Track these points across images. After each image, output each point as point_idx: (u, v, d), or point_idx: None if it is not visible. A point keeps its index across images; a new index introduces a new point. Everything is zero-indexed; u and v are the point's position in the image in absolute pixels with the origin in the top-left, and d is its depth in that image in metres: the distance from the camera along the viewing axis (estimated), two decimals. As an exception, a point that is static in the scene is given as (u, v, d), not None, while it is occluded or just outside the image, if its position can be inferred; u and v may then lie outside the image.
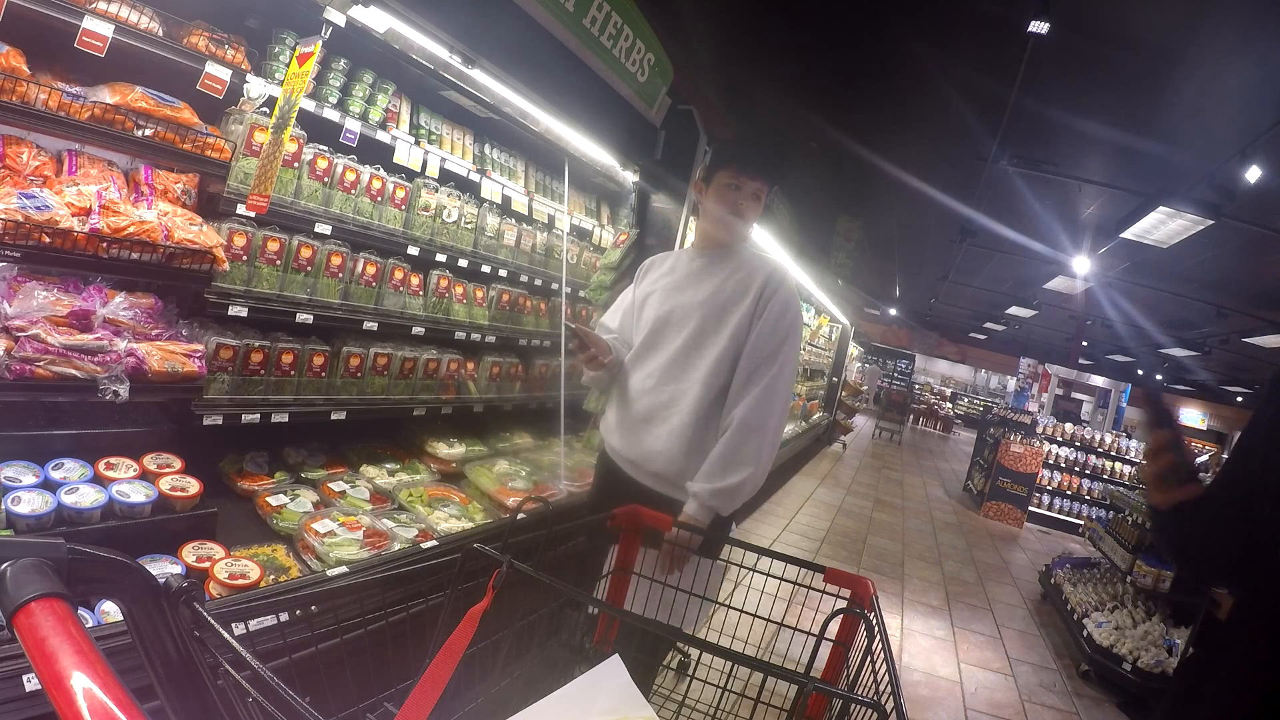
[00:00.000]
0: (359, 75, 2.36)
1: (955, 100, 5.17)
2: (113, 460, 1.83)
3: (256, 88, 2.03)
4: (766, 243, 4.88)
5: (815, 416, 10.28)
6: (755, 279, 1.82)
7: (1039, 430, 9.69)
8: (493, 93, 2.58)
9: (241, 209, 1.97)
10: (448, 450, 2.88)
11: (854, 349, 14.54)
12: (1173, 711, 1.23)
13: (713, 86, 5.18)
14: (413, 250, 2.61)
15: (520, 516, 1.24)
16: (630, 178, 3.48)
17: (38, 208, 1.56)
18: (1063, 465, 9.58)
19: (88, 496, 1.67)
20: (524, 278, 3.26)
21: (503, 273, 3.08)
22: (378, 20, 2.01)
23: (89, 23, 1.62)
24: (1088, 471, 9.55)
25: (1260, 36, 3.51)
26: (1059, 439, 9.78)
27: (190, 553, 1.77)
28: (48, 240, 1.58)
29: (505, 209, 3.11)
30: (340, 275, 2.35)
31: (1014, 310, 12.26)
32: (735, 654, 0.88)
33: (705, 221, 1.94)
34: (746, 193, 1.85)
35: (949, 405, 23.91)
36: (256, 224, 2.10)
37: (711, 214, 1.90)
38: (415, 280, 2.67)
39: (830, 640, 1.28)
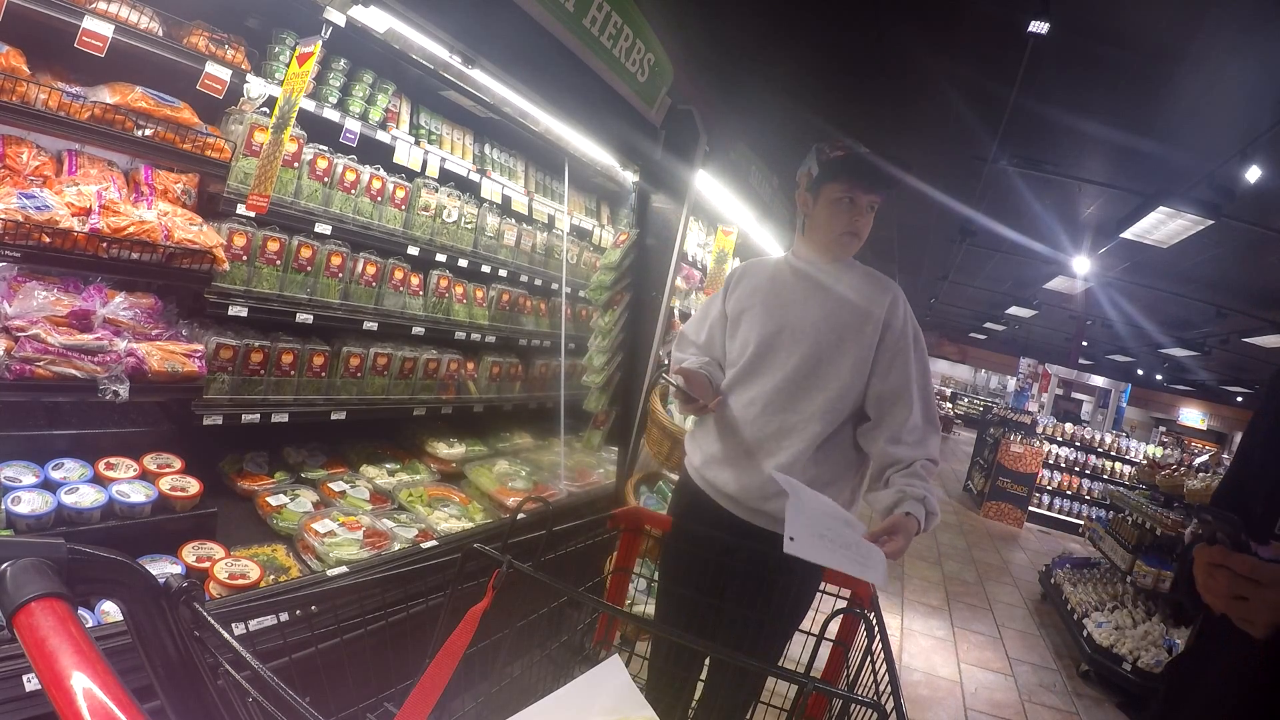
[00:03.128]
0: (359, 75, 2.36)
1: (955, 100, 5.16)
2: (113, 460, 1.83)
3: (256, 88, 2.03)
4: (767, 243, 4.88)
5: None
6: (880, 293, 1.67)
7: (1039, 430, 9.68)
8: (493, 93, 2.58)
9: (241, 209, 1.97)
10: (448, 450, 2.88)
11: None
12: (1166, 707, 1.23)
13: (713, 86, 5.18)
14: (413, 250, 2.61)
15: (520, 516, 1.24)
16: (630, 178, 3.48)
17: (38, 208, 1.56)
18: (1063, 465, 9.58)
19: (88, 496, 1.66)
20: (524, 278, 3.26)
21: (503, 273, 3.08)
22: (378, 20, 2.01)
23: (89, 23, 1.62)
24: (1088, 471, 9.55)
25: (1260, 36, 3.51)
26: (1059, 439, 9.78)
27: (190, 553, 1.77)
28: (48, 240, 1.58)
29: (505, 209, 3.11)
30: (340, 275, 2.35)
31: (1014, 310, 12.26)
32: (735, 654, 0.89)
33: (815, 235, 1.75)
34: (862, 207, 1.70)
35: (949, 405, 23.91)
36: (256, 224, 2.09)
37: (824, 229, 1.71)
38: (415, 280, 2.67)
39: (830, 640, 1.28)
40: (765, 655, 1.58)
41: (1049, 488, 9.49)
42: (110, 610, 1.52)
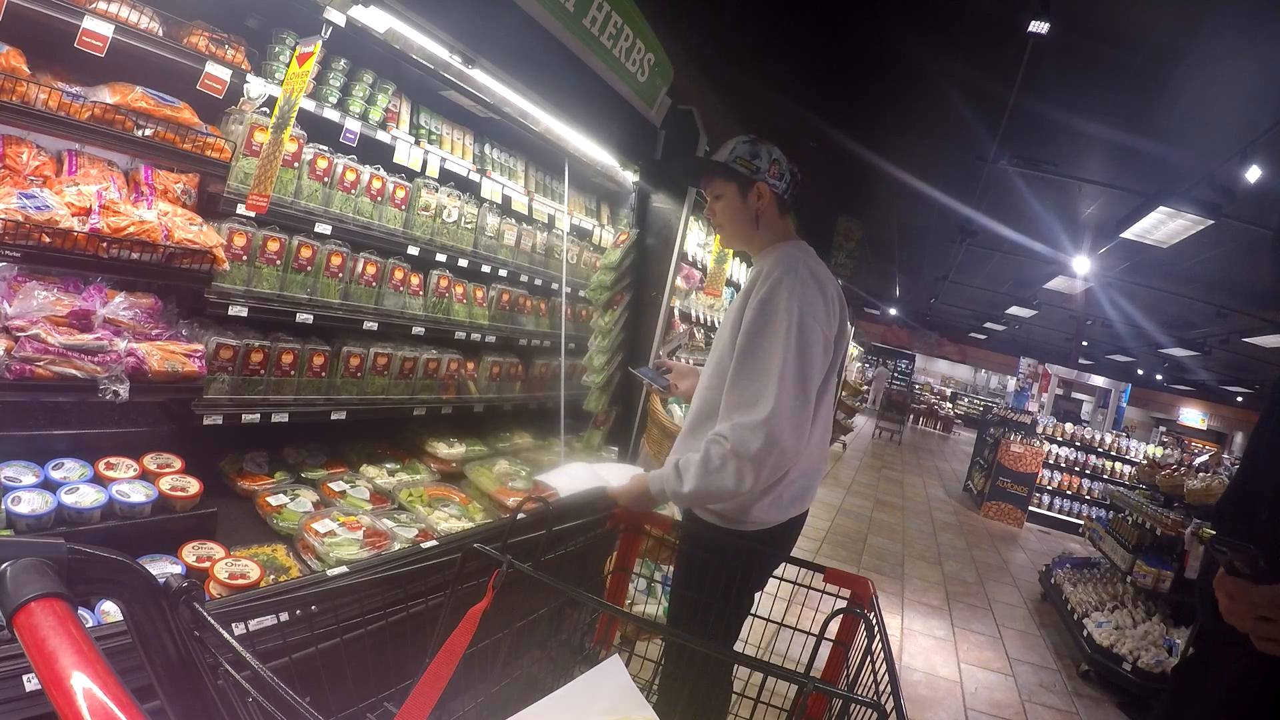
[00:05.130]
0: (359, 75, 2.36)
1: (955, 100, 5.17)
2: (113, 460, 1.82)
3: (256, 88, 2.02)
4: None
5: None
6: (754, 280, 1.68)
7: (1039, 430, 9.68)
8: (493, 93, 2.58)
9: (241, 209, 1.97)
10: (448, 450, 2.88)
11: (854, 349, 14.54)
12: (1171, 711, 1.23)
13: (713, 86, 5.18)
14: (413, 250, 2.61)
15: (520, 516, 1.24)
16: (630, 178, 3.48)
17: (38, 208, 1.56)
18: (1063, 465, 9.58)
19: (88, 496, 1.66)
20: (524, 278, 3.26)
21: (503, 272, 3.08)
22: (378, 20, 2.01)
23: (89, 23, 1.62)
24: (1088, 471, 9.55)
25: (1260, 36, 3.51)
26: (1059, 439, 9.77)
27: (190, 553, 1.77)
28: (48, 240, 1.58)
29: (505, 209, 3.11)
30: (340, 275, 2.35)
31: (1014, 310, 12.27)
32: (735, 654, 0.89)
33: None
34: (709, 204, 1.86)
35: (949, 405, 23.89)
36: (256, 224, 2.09)
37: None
38: (415, 280, 2.67)
39: (830, 640, 1.28)
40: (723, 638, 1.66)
41: (1049, 488, 9.49)
42: (110, 610, 1.52)
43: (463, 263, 2.88)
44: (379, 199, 2.47)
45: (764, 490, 1.63)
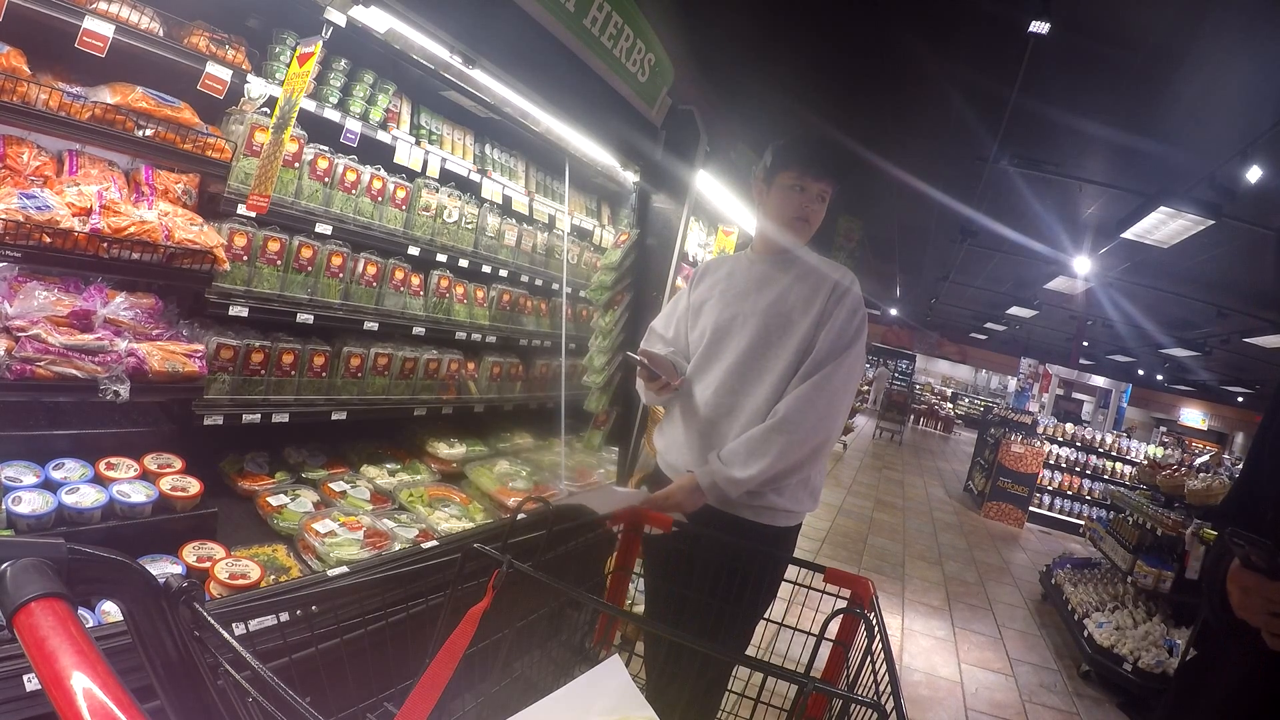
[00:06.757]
0: (359, 75, 2.36)
1: (955, 100, 5.17)
2: (113, 460, 1.83)
3: (257, 88, 2.03)
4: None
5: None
6: (823, 284, 1.70)
7: (1040, 430, 9.68)
8: (493, 93, 2.58)
9: (242, 209, 1.97)
10: (448, 450, 2.88)
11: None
12: (1173, 712, 1.23)
13: (714, 86, 5.18)
14: (413, 250, 2.61)
15: (520, 516, 1.24)
16: (631, 178, 3.48)
17: (38, 208, 1.57)
18: (1063, 465, 9.58)
19: (88, 496, 1.67)
20: (524, 278, 3.26)
21: (503, 273, 3.08)
22: (378, 20, 2.01)
23: (89, 23, 1.62)
24: (1088, 472, 9.55)
25: (1260, 36, 3.51)
26: (1060, 439, 9.77)
27: (191, 553, 1.77)
28: (48, 240, 1.58)
29: (506, 209, 3.11)
30: (341, 275, 2.35)
31: (1015, 310, 12.26)
32: (735, 654, 0.89)
33: (767, 224, 1.80)
34: (812, 195, 1.72)
35: (950, 405, 23.90)
36: (257, 224, 2.10)
37: (775, 217, 1.76)
38: (416, 280, 2.67)
39: (830, 640, 1.28)
40: (732, 642, 1.64)
41: (1049, 488, 9.49)
42: (110, 610, 1.52)
43: (463, 263, 2.88)
44: (379, 199, 2.48)
45: (822, 472, 1.75)
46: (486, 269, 2.98)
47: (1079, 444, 9.70)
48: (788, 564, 1.61)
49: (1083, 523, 8.85)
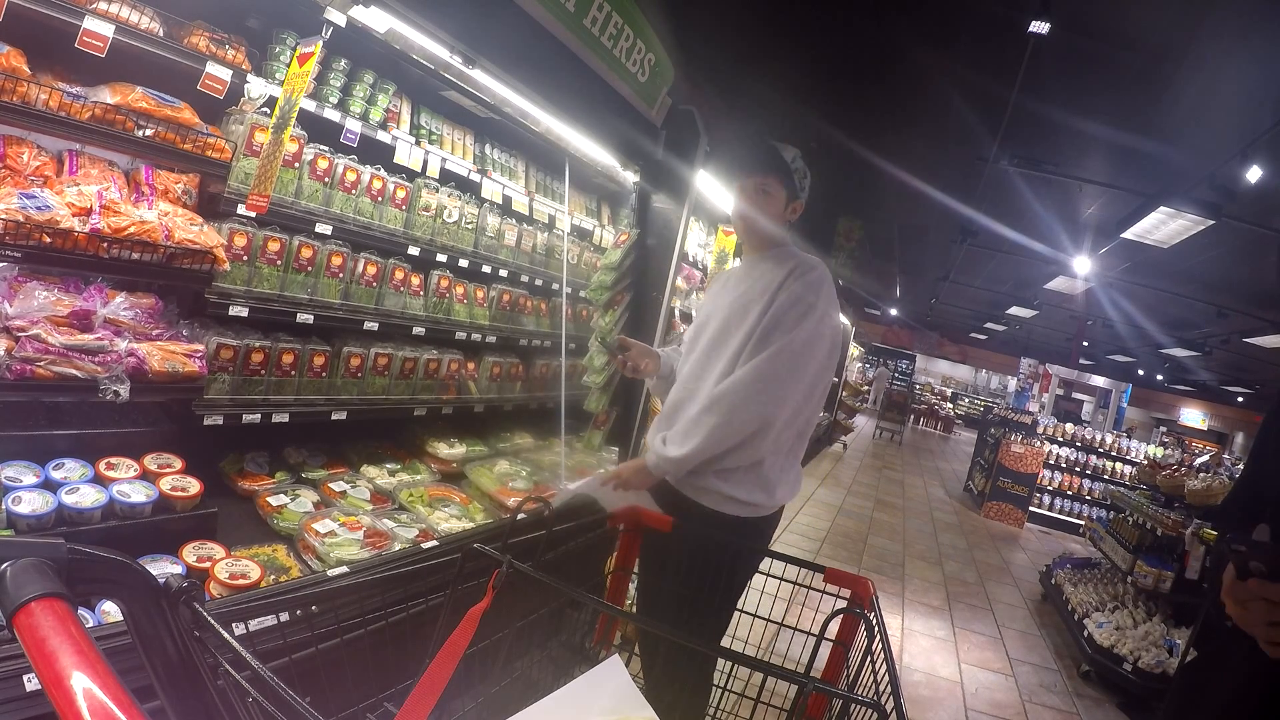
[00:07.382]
0: (359, 75, 2.36)
1: (955, 100, 5.17)
2: (113, 460, 1.83)
3: (257, 88, 2.03)
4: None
5: (816, 417, 10.26)
6: (782, 271, 1.79)
7: (1040, 430, 9.68)
8: (493, 93, 2.58)
9: (242, 209, 1.97)
10: (448, 450, 2.88)
11: (855, 349, 14.54)
12: (1175, 713, 1.23)
13: (713, 86, 5.18)
14: (413, 250, 2.61)
15: (520, 516, 1.24)
16: (631, 178, 3.48)
17: (38, 208, 1.57)
18: (1063, 465, 9.58)
19: (88, 496, 1.67)
20: (524, 278, 3.26)
21: (503, 273, 3.08)
22: (378, 20, 2.01)
23: (89, 23, 1.62)
24: (1088, 472, 9.55)
25: (1260, 37, 3.51)
26: (1060, 439, 9.77)
27: (191, 553, 1.77)
28: (48, 240, 1.58)
29: (506, 209, 3.11)
30: (341, 275, 2.35)
31: (1015, 310, 12.26)
32: (735, 654, 0.88)
33: (737, 228, 1.97)
34: (750, 190, 1.86)
35: (950, 405, 23.90)
36: (257, 224, 2.09)
37: (733, 219, 1.94)
38: (416, 280, 2.67)
39: (830, 640, 1.28)
40: (705, 633, 1.70)
41: (1049, 488, 9.49)
42: (110, 610, 1.52)
43: (463, 263, 2.88)
44: (379, 199, 2.47)
45: (784, 469, 1.81)
46: (486, 269, 2.98)
47: (1079, 444, 9.71)
48: (759, 558, 1.63)
49: (1083, 523, 8.85)
